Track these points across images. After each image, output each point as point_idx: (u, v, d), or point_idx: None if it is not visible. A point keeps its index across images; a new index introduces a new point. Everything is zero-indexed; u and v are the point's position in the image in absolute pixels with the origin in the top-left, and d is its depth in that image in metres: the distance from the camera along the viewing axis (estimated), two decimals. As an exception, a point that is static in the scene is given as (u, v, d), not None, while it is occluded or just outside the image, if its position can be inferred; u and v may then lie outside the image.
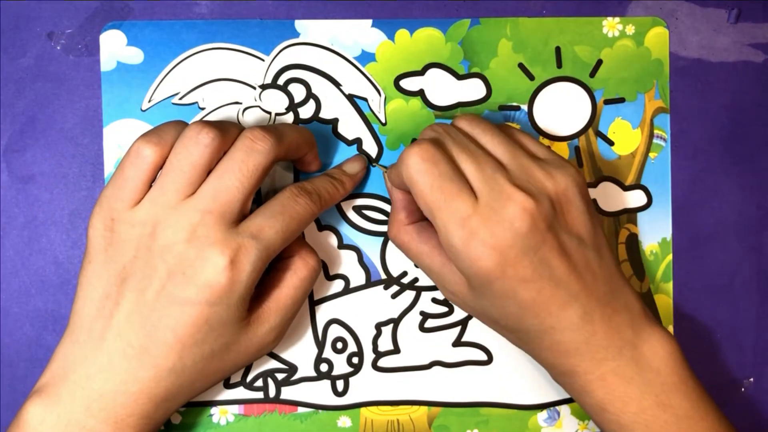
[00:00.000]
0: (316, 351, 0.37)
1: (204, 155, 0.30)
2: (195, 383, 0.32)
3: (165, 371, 0.30)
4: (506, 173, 0.31)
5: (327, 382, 0.38)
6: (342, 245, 0.38)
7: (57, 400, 0.30)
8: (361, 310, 0.38)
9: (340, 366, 0.38)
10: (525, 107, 0.38)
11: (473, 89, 0.38)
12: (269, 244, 0.31)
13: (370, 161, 0.37)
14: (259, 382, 0.37)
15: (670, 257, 0.39)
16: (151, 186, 0.31)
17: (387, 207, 0.38)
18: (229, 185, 0.30)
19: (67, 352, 0.31)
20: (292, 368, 0.37)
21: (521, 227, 0.29)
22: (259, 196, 0.37)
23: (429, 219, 0.31)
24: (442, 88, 0.38)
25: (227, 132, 0.31)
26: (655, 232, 0.39)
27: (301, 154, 0.34)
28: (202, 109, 0.37)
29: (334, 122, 0.37)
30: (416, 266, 0.37)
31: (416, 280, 0.38)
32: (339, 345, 0.38)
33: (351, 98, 0.37)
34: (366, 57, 0.37)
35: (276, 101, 0.37)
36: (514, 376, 0.38)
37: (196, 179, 0.30)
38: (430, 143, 0.31)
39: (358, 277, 0.38)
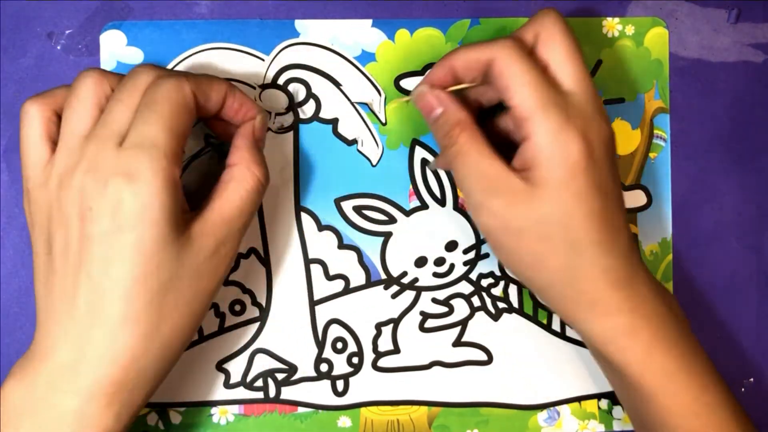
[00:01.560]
0: (316, 351, 0.37)
1: (91, 88, 0.29)
2: (161, 330, 0.29)
3: (118, 323, 0.28)
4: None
5: (327, 382, 0.38)
6: (342, 245, 0.38)
7: (22, 377, 0.29)
8: (361, 310, 0.38)
9: (340, 366, 0.38)
10: (525, 107, 0.38)
11: (473, 89, 0.38)
12: (154, 141, 0.28)
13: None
14: (259, 382, 0.37)
15: (670, 257, 0.39)
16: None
17: (387, 207, 0.38)
18: (112, 108, 0.29)
19: (36, 336, 0.30)
20: (292, 368, 0.37)
21: (606, 134, 0.31)
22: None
23: (519, 103, 0.30)
24: (442, 88, 0.38)
25: (111, 74, 0.30)
26: (655, 232, 0.39)
27: (212, 99, 0.31)
28: (202, 109, 0.37)
29: (334, 122, 0.37)
30: (458, 179, 0.32)
31: (416, 280, 0.38)
32: (339, 345, 0.38)
33: (351, 99, 0.37)
34: (366, 57, 0.37)
35: (276, 101, 0.37)
36: (514, 376, 0.38)
37: (90, 115, 0.29)
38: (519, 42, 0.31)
39: (358, 277, 0.38)
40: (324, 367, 0.38)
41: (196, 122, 0.33)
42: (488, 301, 0.38)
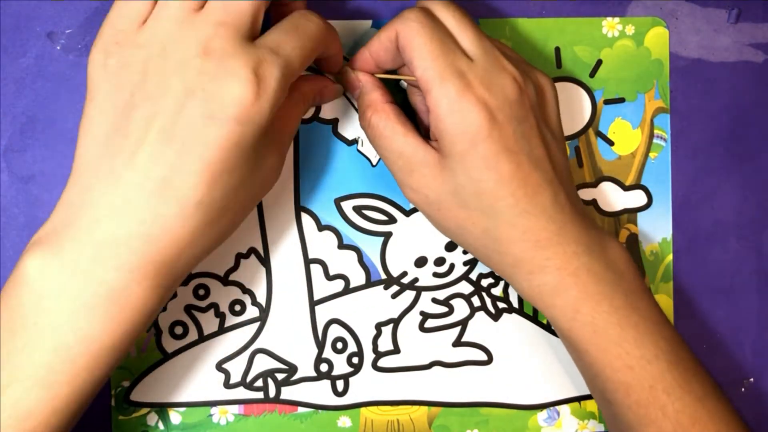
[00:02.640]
0: (316, 351, 0.37)
1: None
2: (221, 221, 0.29)
3: (192, 206, 0.27)
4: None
5: (327, 382, 0.38)
6: (342, 245, 0.38)
7: (59, 250, 0.27)
8: (361, 310, 0.38)
9: (340, 366, 0.38)
10: (525, 107, 0.38)
11: (473, 89, 0.38)
12: (289, 61, 0.28)
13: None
14: (259, 382, 0.37)
15: (670, 257, 0.39)
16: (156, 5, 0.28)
17: (387, 207, 0.38)
18: None
19: (71, 201, 0.27)
20: (292, 368, 0.37)
21: (511, 94, 0.30)
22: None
23: (420, 75, 0.30)
24: (442, 88, 0.38)
25: None
26: (655, 232, 0.39)
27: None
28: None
29: (334, 122, 0.37)
30: (380, 157, 0.34)
31: (416, 280, 0.38)
32: (339, 345, 0.38)
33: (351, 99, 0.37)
34: (366, 57, 0.37)
35: (276, 101, 0.37)
36: (514, 376, 0.38)
37: None
38: (424, 11, 0.31)
39: (358, 277, 0.38)
40: (324, 367, 0.38)
41: None
42: (488, 301, 0.38)
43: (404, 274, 0.38)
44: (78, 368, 0.27)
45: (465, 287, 0.38)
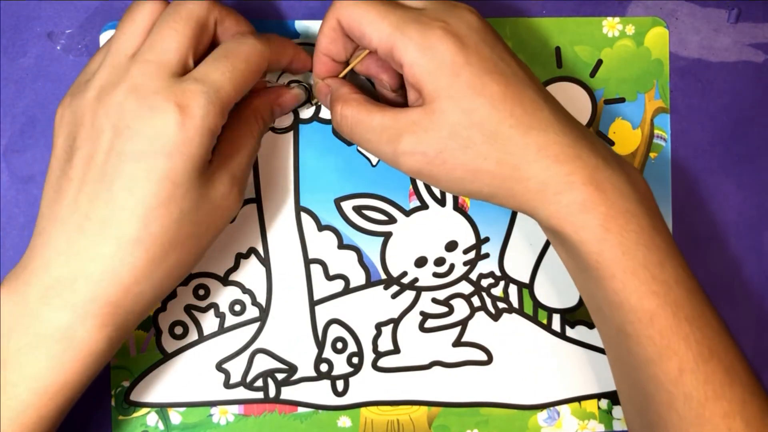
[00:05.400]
0: (316, 351, 0.37)
1: (144, 15, 0.30)
2: (168, 258, 0.29)
3: (129, 244, 0.28)
4: None
5: (327, 382, 0.38)
6: (342, 245, 0.38)
7: (15, 290, 0.28)
8: (361, 310, 0.38)
9: (340, 366, 0.38)
10: (525, 107, 0.38)
11: (473, 89, 0.38)
12: (218, 86, 0.28)
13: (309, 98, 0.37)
14: (259, 382, 0.37)
15: (670, 257, 0.39)
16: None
17: (387, 207, 0.38)
18: (163, 34, 0.29)
19: (32, 244, 0.29)
20: (292, 368, 0.37)
21: (474, 22, 0.30)
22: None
23: (378, 41, 0.30)
24: (442, 88, 0.38)
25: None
26: (655, 232, 0.39)
27: (243, 29, 0.32)
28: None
29: (334, 122, 0.37)
30: (362, 146, 0.33)
31: (416, 280, 0.38)
32: (339, 345, 0.38)
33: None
34: (366, 57, 0.37)
35: (276, 101, 0.37)
36: (514, 376, 0.38)
37: (139, 38, 0.29)
38: None
39: (358, 277, 0.38)
40: (324, 367, 0.38)
41: None
42: (488, 301, 0.38)
43: (404, 274, 0.38)
44: (24, 406, 0.28)
45: (465, 287, 0.38)
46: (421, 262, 0.38)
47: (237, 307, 0.37)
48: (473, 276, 0.38)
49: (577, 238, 0.30)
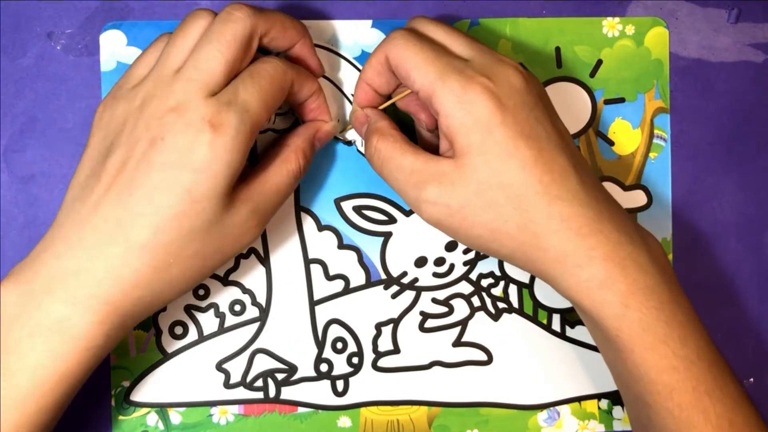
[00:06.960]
0: (316, 351, 0.37)
1: (196, 32, 0.30)
2: (171, 270, 0.29)
3: (136, 248, 0.28)
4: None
5: (327, 382, 0.38)
6: (342, 245, 0.38)
7: (22, 280, 0.29)
8: (361, 310, 0.38)
9: (340, 366, 0.38)
10: (525, 107, 0.38)
11: (473, 89, 0.38)
12: (248, 107, 0.29)
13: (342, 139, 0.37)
14: (259, 382, 0.37)
15: (670, 257, 0.39)
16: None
17: (387, 207, 0.38)
18: (207, 54, 0.29)
19: (46, 236, 0.30)
20: (292, 368, 0.37)
21: (516, 82, 0.30)
22: (255, 156, 0.37)
23: (420, 84, 0.30)
24: (442, 88, 0.38)
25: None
26: (655, 232, 0.38)
27: (290, 40, 0.33)
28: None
29: (334, 122, 0.37)
30: (389, 182, 0.33)
31: (416, 280, 0.38)
32: (339, 345, 0.38)
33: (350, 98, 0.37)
34: (366, 57, 0.37)
35: (276, 101, 0.37)
36: (514, 376, 0.38)
37: (187, 54, 0.30)
38: (409, 29, 0.32)
39: (358, 277, 0.38)
40: (324, 367, 0.38)
41: None
42: (488, 301, 0.38)
43: (404, 274, 0.38)
44: (24, 395, 0.28)
45: (465, 287, 0.38)
46: (421, 262, 0.38)
47: (237, 307, 0.37)
48: (473, 276, 0.38)
49: (596, 313, 0.30)
